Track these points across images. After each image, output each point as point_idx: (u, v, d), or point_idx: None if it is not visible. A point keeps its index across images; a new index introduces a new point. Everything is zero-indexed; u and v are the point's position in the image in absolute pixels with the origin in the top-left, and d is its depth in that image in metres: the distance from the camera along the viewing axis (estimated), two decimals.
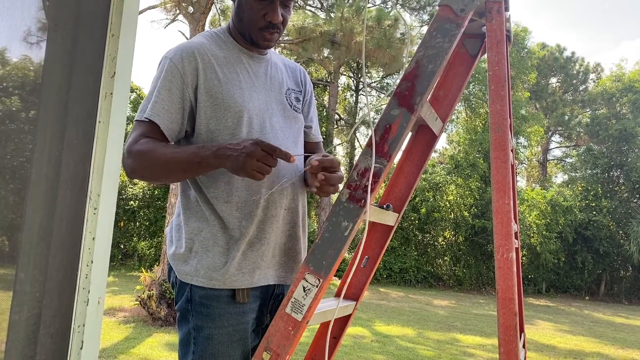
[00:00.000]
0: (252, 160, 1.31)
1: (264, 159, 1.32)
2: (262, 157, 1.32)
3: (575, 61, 26.88)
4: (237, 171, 1.35)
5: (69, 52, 0.93)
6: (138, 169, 1.44)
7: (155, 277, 7.46)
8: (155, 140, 1.45)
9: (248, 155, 1.31)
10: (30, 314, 0.84)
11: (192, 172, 1.46)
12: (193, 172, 1.46)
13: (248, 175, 1.34)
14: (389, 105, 1.45)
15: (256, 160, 1.31)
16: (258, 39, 1.57)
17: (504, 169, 1.44)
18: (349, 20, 11.42)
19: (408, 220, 17.14)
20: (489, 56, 1.53)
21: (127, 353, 5.74)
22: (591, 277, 18.00)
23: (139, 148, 1.42)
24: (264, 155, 1.32)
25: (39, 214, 0.86)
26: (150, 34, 54.64)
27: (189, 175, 1.49)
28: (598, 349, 8.14)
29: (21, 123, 0.92)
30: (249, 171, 1.33)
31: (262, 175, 1.34)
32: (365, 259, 1.77)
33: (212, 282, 1.46)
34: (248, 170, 1.33)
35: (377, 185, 1.41)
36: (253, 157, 1.31)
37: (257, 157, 1.31)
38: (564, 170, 25.31)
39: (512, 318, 1.37)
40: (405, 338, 7.77)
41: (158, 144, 1.44)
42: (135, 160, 1.43)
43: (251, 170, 1.32)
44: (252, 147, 1.32)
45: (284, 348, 1.37)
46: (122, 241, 15.52)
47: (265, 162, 1.32)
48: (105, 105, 0.94)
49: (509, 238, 1.41)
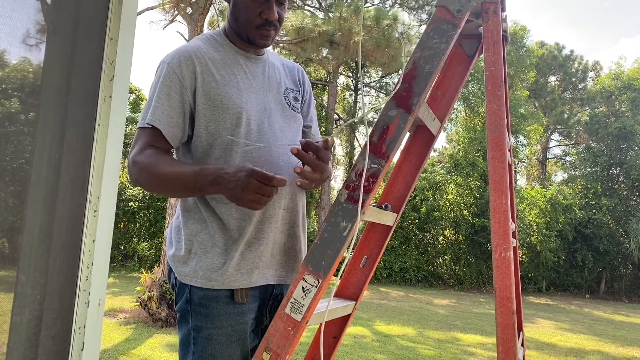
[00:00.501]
0: (247, 193, 1.29)
1: (259, 189, 1.29)
2: (257, 188, 1.29)
3: (574, 59, 26.89)
4: (234, 202, 1.34)
5: (68, 56, 0.94)
6: (141, 182, 1.47)
7: (156, 278, 7.47)
8: (159, 151, 1.46)
9: (243, 188, 1.29)
10: (31, 316, 0.84)
11: (192, 193, 1.47)
12: (192, 194, 1.48)
13: (246, 207, 1.34)
14: (387, 106, 1.45)
15: (252, 192, 1.29)
16: (255, 38, 1.58)
17: (501, 168, 1.45)
18: (347, 20, 11.43)
19: (408, 220, 17.16)
20: (485, 56, 1.54)
21: (128, 354, 5.75)
22: (591, 275, 18.02)
23: (143, 161, 1.43)
24: (259, 185, 1.29)
25: (40, 216, 0.87)
26: (149, 35, 54.62)
27: (187, 195, 1.51)
28: (598, 347, 8.15)
29: (21, 125, 0.92)
30: (246, 203, 1.32)
31: (259, 206, 1.32)
32: (365, 259, 1.78)
33: (210, 282, 1.47)
34: (245, 203, 1.32)
35: (376, 185, 1.41)
36: (248, 189, 1.29)
37: (253, 188, 1.29)
38: (563, 169, 25.32)
39: (510, 317, 1.38)
40: (405, 337, 7.78)
41: (161, 158, 1.44)
42: (139, 173, 1.45)
43: (248, 202, 1.31)
44: (247, 179, 1.30)
45: (284, 348, 1.38)
46: (122, 242, 15.53)
47: (261, 193, 1.30)
48: (105, 108, 0.95)
49: (507, 237, 1.42)
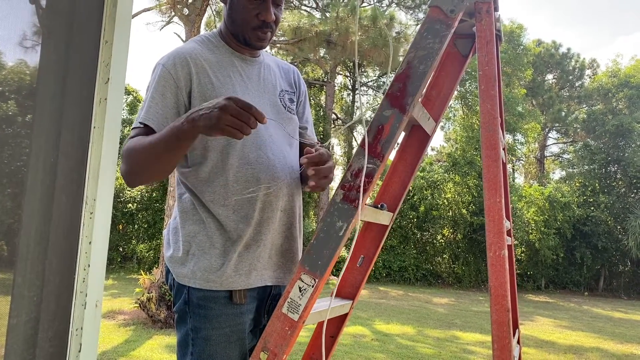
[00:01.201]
0: (225, 115, 1.24)
1: (238, 114, 1.24)
2: (236, 113, 1.24)
3: (571, 57, 26.94)
4: (211, 129, 1.27)
5: (63, 59, 0.94)
6: (129, 168, 1.44)
7: (155, 279, 7.47)
8: (142, 136, 1.43)
9: (221, 109, 1.24)
10: (28, 318, 0.85)
11: (175, 149, 1.38)
12: (176, 150, 1.38)
13: (223, 132, 1.26)
14: (382, 107, 1.46)
15: (230, 115, 1.24)
16: (252, 39, 1.58)
17: (495, 167, 1.46)
18: (344, 19, 11.44)
19: (407, 219, 17.17)
20: (479, 56, 1.55)
21: (127, 356, 5.75)
22: (590, 273, 18.05)
23: (125, 147, 1.43)
24: (238, 110, 1.24)
25: (36, 219, 0.88)
26: (146, 37, 54.60)
27: (174, 156, 1.41)
28: (597, 344, 8.17)
29: (18, 127, 0.93)
30: (223, 127, 1.25)
31: (238, 132, 1.25)
32: (361, 259, 1.79)
33: (209, 283, 1.48)
34: (222, 126, 1.24)
35: (371, 185, 1.42)
36: (226, 111, 1.24)
37: (231, 112, 1.24)
38: (561, 167, 25.37)
39: (505, 315, 1.39)
40: (405, 336, 7.79)
41: (141, 138, 1.41)
42: (125, 161, 1.43)
43: (225, 125, 1.24)
44: (225, 101, 1.25)
45: (281, 348, 1.38)
46: (121, 244, 15.52)
47: (239, 118, 1.24)
48: (100, 111, 0.96)
49: (501, 236, 1.43)
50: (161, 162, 1.41)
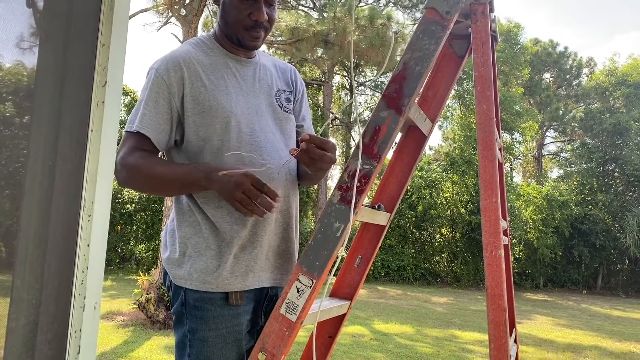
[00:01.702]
0: (239, 193, 1.34)
1: (249, 192, 1.34)
2: (248, 191, 1.33)
3: (568, 56, 26.97)
4: (224, 197, 1.40)
5: (61, 63, 0.95)
6: (131, 182, 1.50)
7: (153, 280, 7.47)
8: (149, 154, 1.49)
9: (236, 186, 1.34)
10: (27, 321, 0.86)
11: (185, 190, 1.51)
12: (186, 191, 1.51)
13: (234, 205, 1.38)
14: (378, 108, 1.47)
15: (242, 192, 1.34)
16: (245, 40, 1.59)
17: (491, 167, 1.46)
18: (341, 19, 11.45)
19: (405, 218, 17.19)
20: (474, 57, 1.56)
21: (126, 357, 5.75)
22: (588, 271, 18.08)
23: (133, 162, 1.46)
24: (251, 189, 1.33)
25: (34, 221, 0.88)
26: (143, 38, 54.54)
27: (178, 193, 1.54)
28: (596, 342, 8.19)
29: (16, 130, 0.94)
30: (234, 202, 1.36)
31: (245, 210, 1.36)
32: (359, 259, 1.79)
33: (205, 285, 1.48)
34: (233, 201, 1.36)
35: (368, 186, 1.43)
36: (240, 188, 1.34)
37: (244, 189, 1.34)
38: (559, 165, 25.42)
39: (502, 314, 1.40)
40: (404, 336, 7.80)
41: (152, 159, 1.48)
42: (129, 174, 1.47)
43: (234, 201, 1.36)
44: (242, 178, 1.35)
45: (279, 348, 1.39)
46: (120, 245, 15.51)
47: (249, 196, 1.34)
48: (98, 114, 0.96)
49: (497, 236, 1.44)
50: (165, 193, 1.64)
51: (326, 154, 1.41)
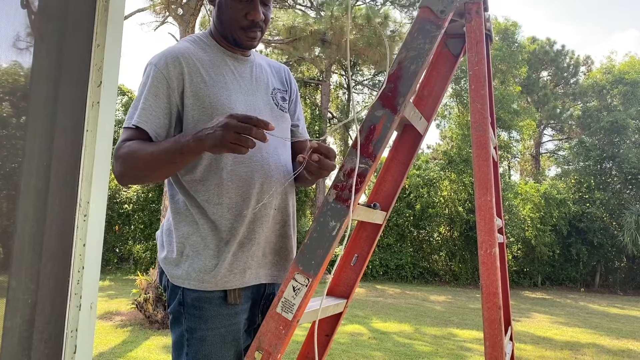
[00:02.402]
0: (229, 133, 1.28)
1: (241, 129, 1.28)
2: (239, 128, 1.28)
3: (565, 54, 26.99)
4: (218, 148, 1.33)
5: (56, 63, 0.95)
6: (125, 171, 1.46)
7: (151, 280, 7.47)
8: (139, 140, 1.46)
9: (224, 128, 1.29)
10: (22, 321, 0.86)
11: (178, 162, 1.43)
12: (179, 162, 1.44)
13: (229, 149, 1.30)
14: (373, 107, 1.48)
15: (233, 132, 1.28)
16: (241, 40, 1.59)
17: (486, 166, 1.47)
18: (338, 18, 11.44)
19: (403, 217, 17.20)
20: (469, 56, 1.56)
21: (125, 357, 5.75)
22: (586, 269, 18.11)
23: (123, 151, 1.44)
24: (241, 125, 1.28)
25: (30, 222, 0.89)
26: (140, 37, 54.45)
27: (175, 167, 1.47)
28: (594, 340, 8.21)
29: (11, 130, 0.94)
30: (228, 145, 1.29)
31: (244, 147, 1.29)
32: (355, 257, 1.80)
33: (203, 284, 1.49)
34: (227, 144, 1.29)
35: (363, 185, 1.43)
36: (229, 129, 1.28)
37: (234, 128, 1.28)
38: (557, 163, 25.43)
39: (497, 312, 1.40)
40: (402, 334, 7.81)
41: (141, 143, 1.45)
42: (121, 164, 1.45)
43: (230, 143, 1.29)
44: (227, 119, 1.29)
45: (276, 347, 1.40)
46: (118, 245, 15.49)
47: (243, 132, 1.28)
48: (93, 114, 0.97)
49: (492, 234, 1.45)
50: (161, 171, 1.48)
51: (330, 163, 1.47)
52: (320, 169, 1.48)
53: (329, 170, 1.50)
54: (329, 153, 1.47)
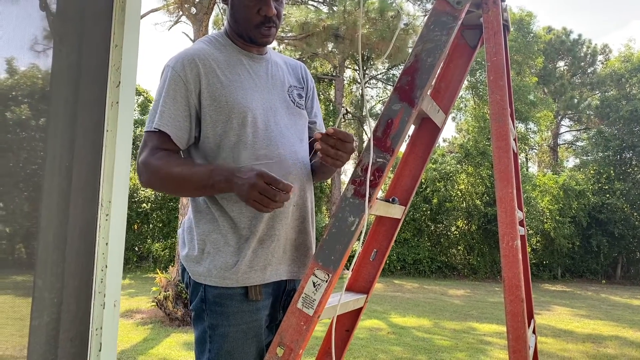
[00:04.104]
0: (254, 192, 1.36)
1: (265, 191, 1.35)
2: (263, 189, 1.35)
3: (582, 43, 26.60)
4: (243, 200, 1.41)
5: (75, 64, 0.96)
6: (153, 183, 1.53)
7: (171, 277, 7.54)
8: (170, 153, 1.51)
9: (250, 186, 1.36)
10: (49, 319, 0.87)
11: (204, 192, 1.51)
12: (205, 193, 1.52)
13: (252, 206, 1.40)
14: (390, 100, 1.47)
15: (258, 192, 1.36)
16: (256, 37, 1.59)
17: (506, 158, 1.45)
18: (351, 13, 11.40)
19: (420, 211, 17.13)
20: (487, 47, 1.54)
21: (146, 354, 5.82)
22: (607, 261, 17.88)
23: (156, 163, 1.48)
24: (266, 188, 1.35)
25: (54, 222, 0.90)
26: (155, 37, 54.82)
27: (203, 194, 1.54)
28: (616, 332, 8.10)
29: (33, 131, 0.95)
30: (251, 203, 1.38)
31: (264, 208, 1.38)
32: (374, 252, 1.79)
33: (225, 281, 1.49)
34: (250, 202, 1.38)
35: (381, 179, 1.43)
36: (255, 189, 1.36)
37: (259, 189, 1.36)
38: (575, 154, 25.11)
39: (519, 305, 1.39)
40: (421, 329, 7.79)
41: (173, 159, 1.50)
42: (152, 175, 1.50)
43: (252, 201, 1.37)
44: (255, 178, 1.37)
45: (297, 343, 1.40)
46: (137, 244, 15.65)
47: (266, 195, 1.35)
48: (112, 114, 0.97)
49: (514, 226, 1.43)
50: (187, 193, 1.61)
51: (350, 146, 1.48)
52: (339, 153, 1.47)
53: (349, 153, 1.49)
54: (346, 137, 1.46)
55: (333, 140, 1.45)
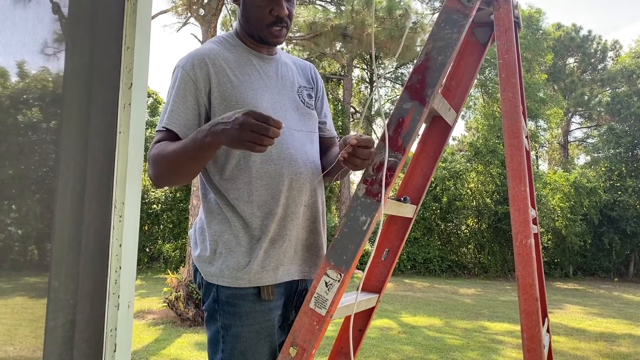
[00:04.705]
0: (245, 131, 1.27)
1: (257, 128, 1.26)
2: (255, 127, 1.26)
3: (592, 40, 26.38)
4: (233, 144, 1.32)
5: (87, 67, 0.97)
6: (158, 174, 1.49)
7: (182, 278, 7.57)
8: (166, 141, 1.48)
9: (240, 125, 1.27)
10: (65, 321, 0.88)
11: (199, 158, 1.42)
12: (200, 158, 1.43)
13: (245, 147, 1.30)
14: (401, 99, 1.46)
15: (250, 130, 1.26)
16: (267, 37, 1.60)
17: (519, 156, 1.44)
18: (359, 12, 11.39)
19: (430, 210, 17.07)
20: (498, 44, 1.53)
21: (158, 354, 5.85)
22: (619, 258, 17.72)
23: (153, 152, 1.47)
24: (257, 124, 1.26)
25: (68, 224, 0.90)
26: (164, 39, 55.06)
27: (199, 163, 1.46)
28: (629, 331, 8.03)
29: (47, 134, 0.95)
30: (244, 143, 1.28)
31: (260, 146, 1.28)
32: (386, 252, 1.79)
33: (237, 281, 1.50)
34: (244, 142, 1.28)
35: (393, 178, 1.42)
36: (246, 127, 1.27)
37: (250, 127, 1.26)
38: (586, 151, 24.91)
39: (534, 303, 1.38)
40: (432, 328, 7.76)
41: (167, 143, 1.46)
42: (153, 166, 1.48)
43: (246, 141, 1.28)
44: (244, 117, 1.27)
45: (310, 343, 1.40)
46: (147, 244, 15.73)
47: (258, 132, 1.26)
48: (125, 116, 0.98)
49: (527, 225, 1.42)
50: (186, 169, 1.47)
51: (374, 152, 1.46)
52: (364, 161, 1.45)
53: (371, 158, 1.46)
54: (368, 143, 1.43)
55: (356, 150, 1.42)
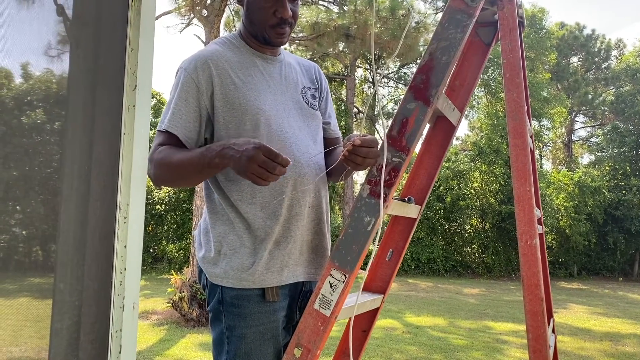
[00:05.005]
0: (253, 165, 1.31)
1: (264, 164, 1.30)
2: (262, 163, 1.30)
3: (596, 38, 26.30)
4: (239, 173, 1.36)
5: (92, 69, 0.97)
6: (160, 176, 1.51)
7: (186, 278, 7.58)
8: (172, 147, 1.50)
9: (249, 159, 1.31)
10: (70, 322, 0.88)
11: (206, 173, 1.47)
12: (207, 173, 1.48)
13: (249, 179, 1.34)
14: (405, 99, 1.46)
15: (257, 165, 1.30)
16: (271, 37, 1.60)
17: (523, 156, 1.44)
18: (362, 12, 11.38)
19: (433, 210, 17.05)
20: (502, 44, 1.53)
21: (163, 355, 5.86)
22: (624, 258, 17.66)
23: (157, 157, 1.48)
24: (265, 160, 1.30)
25: (74, 225, 0.90)
26: (167, 40, 55.15)
27: (204, 177, 1.52)
28: (634, 330, 8.00)
29: (52, 135, 0.96)
30: (249, 175, 1.33)
31: (263, 181, 1.33)
32: (390, 252, 1.79)
33: (241, 282, 1.50)
34: (248, 175, 1.33)
35: (397, 179, 1.42)
36: (253, 161, 1.31)
37: (259, 162, 1.30)
38: (590, 151, 24.84)
39: (539, 304, 1.38)
40: (436, 328, 7.75)
41: (173, 150, 1.48)
42: (155, 168, 1.49)
43: (250, 174, 1.32)
44: (254, 150, 1.31)
45: (315, 343, 1.40)
46: (151, 245, 15.77)
47: (266, 168, 1.30)
48: (129, 118, 0.98)
49: (532, 225, 1.42)
50: (190, 179, 1.55)
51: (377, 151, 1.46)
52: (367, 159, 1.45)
53: (375, 157, 1.46)
54: (372, 143, 1.44)
55: (360, 150, 1.42)
